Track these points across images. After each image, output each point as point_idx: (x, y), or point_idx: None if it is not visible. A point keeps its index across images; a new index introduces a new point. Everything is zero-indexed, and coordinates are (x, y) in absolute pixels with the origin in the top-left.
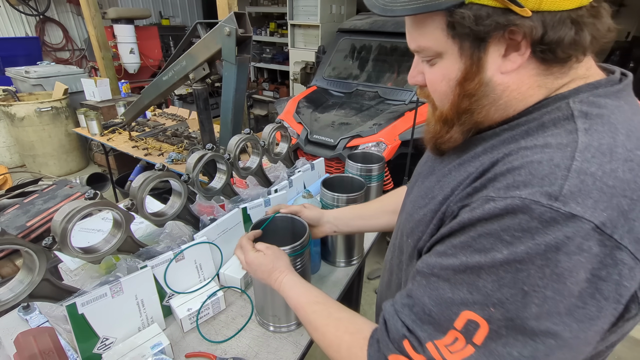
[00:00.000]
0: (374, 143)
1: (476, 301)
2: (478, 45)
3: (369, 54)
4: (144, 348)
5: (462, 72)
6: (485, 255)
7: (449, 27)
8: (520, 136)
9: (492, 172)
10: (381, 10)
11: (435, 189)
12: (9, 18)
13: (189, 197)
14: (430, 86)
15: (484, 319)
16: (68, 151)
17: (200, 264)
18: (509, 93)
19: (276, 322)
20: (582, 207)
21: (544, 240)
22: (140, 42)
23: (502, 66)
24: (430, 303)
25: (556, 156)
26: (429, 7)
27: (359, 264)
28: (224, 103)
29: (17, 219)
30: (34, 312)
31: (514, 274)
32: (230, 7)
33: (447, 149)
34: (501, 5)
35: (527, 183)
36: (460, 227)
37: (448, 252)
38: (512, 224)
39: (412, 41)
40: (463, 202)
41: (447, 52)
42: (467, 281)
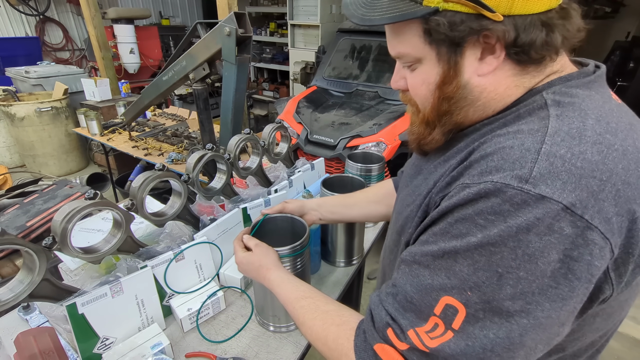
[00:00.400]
0: (374, 143)
1: (454, 286)
2: (454, 50)
3: (369, 54)
4: (144, 348)
5: (441, 76)
6: (461, 240)
7: (425, 33)
8: (498, 127)
9: (468, 161)
10: (360, 20)
11: (422, 186)
12: (9, 18)
13: (189, 197)
14: (412, 90)
15: (462, 303)
16: (68, 151)
17: (200, 264)
18: (487, 94)
19: (276, 322)
20: (551, 189)
21: (515, 222)
22: (140, 42)
23: (478, 69)
24: (412, 290)
25: (527, 141)
26: (405, 15)
27: (359, 264)
28: (224, 103)
29: (17, 219)
30: (34, 312)
31: (488, 257)
32: (230, 7)
33: (430, 149)
34: (473, 11)
35: (499, 168)
36: (439, 215)
37: (429, 240)
38: (485, 208)
39: (392, 48)
40: (443, 192)
41: (425, 58)
42: (444, 266)
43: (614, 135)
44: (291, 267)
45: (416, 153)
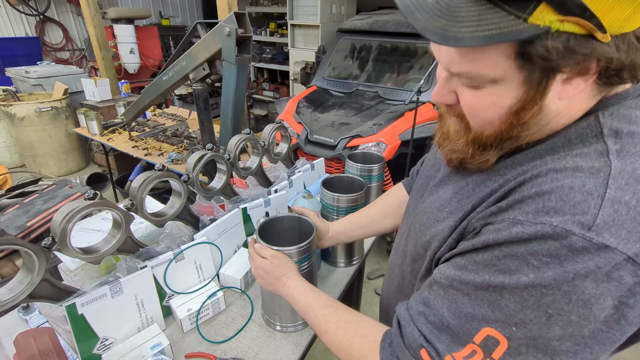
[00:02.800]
0: (374, 143)
1: (497, 319)
2: (548, 75)
3: (369, 54)
4: (144, 348)
5: (521, 102)
6: (510, 276)
7: (519, 57)
8: (545, 152)
9: (519, 194)
10: (440, 37)
11: (453, 203)
12: (9, 18)
13: (189, 197)
14: (471, 111)
15: (505, 336)
16: (68, 151)
17: (200, 264)
18: (560, 118)
19: (283, 321)
20: (616, 238)
21: (573, 268)
22: (140, 42)
23: (561, 92)
24: (449, 315)
25: (588, 182)
26: (505, 35)
27: (359, 264)
28: (224, 103)
29: (17, 219)
30: (33, 312)
31: (538, 297)
32: (230, 7)
33: (476, 169)
34: (585, 32)
35: (558, 210)
36: (483, 246)
37: (469, 268)
38: (540, 249)
39: (457, 65)
40: (486, 220)
41: (505, 80)
42: (488, 299)
43: None
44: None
45: (451, 168)
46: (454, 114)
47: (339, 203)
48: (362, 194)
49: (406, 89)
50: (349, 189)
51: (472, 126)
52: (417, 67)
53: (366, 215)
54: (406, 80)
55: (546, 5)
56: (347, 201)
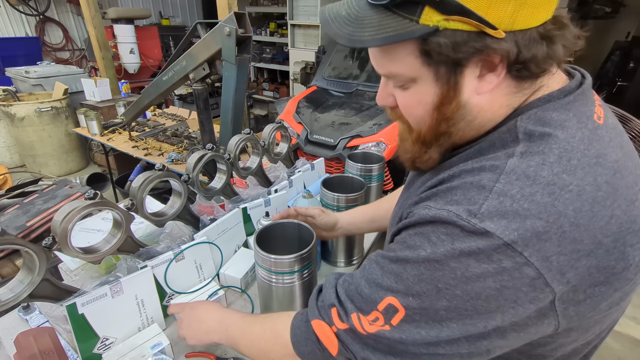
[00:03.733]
0: (374, 143)
1: (399, 290)
2: (454, 70)
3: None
4: (144, 348)
5: (439, 97)
6: (414, 251)
7: (422, 54)
8: (473, 154)
9: (437, 189)
10: (347, 40)
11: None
12: (9, 18)
13: (189, 197)
14: (405, 110)
15: (403, 306)
16: (68, 151)
17: (200, 264)
18: (484, 113)
19: None
20: (496, 225)
21: (460, 246)
22: (140, 42)
23: (478, 87)
24: (364, 284)
25: (484, 178)
26: (400, 36)
27: (359, 264)
28: (224, 103)
29: (17, 219)
30: (34, 312)
31: (432, 271)
32: (230, 7)
33: (426, 168)
34: (475, 29)
35: (458, 201)
36: (403, 226)
37: (391, 247)
38: (440, 229)
39: (381, 67)
40: (411, 208)
41: (421, 78)
42: (395, 271)
43: (572, 174)
44: (298, 277)
45: (409, 169)
46: (397, 117)
47: (339, 203)
48: (362, 194)
49: None
50: (349, 189)
51: (412, 125)
52: None
53: (379, 209)
54: None
55: (429, 7)
56: (347, 201)
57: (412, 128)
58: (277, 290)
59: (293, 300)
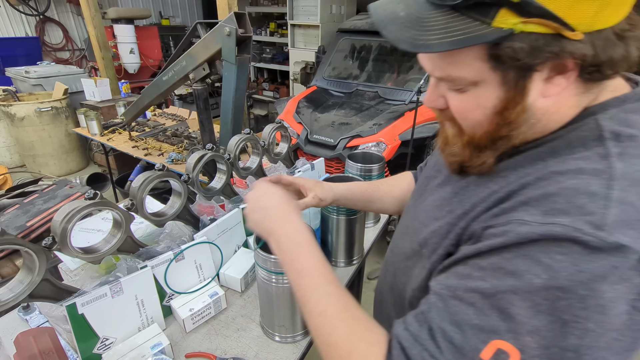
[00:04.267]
0: (374, 143)
1: (509, 329)
2: (524, 74)
3: (369, 54)
4: (144, 348)
5: (503, 102)
6: (520, 278)
7: (491, 58)
8: (546, 154)
9: (524, 196)
10: (410, 45)
11: (454, 202)
12: (9, 18)
13: (189, 197)
14: (459, 113)
15: (517, 348)
16: (68, 151)
17: (200, 264)
18: (549, 116)
19: (282, 332)
20: (628, 237)
21: (588, 267)
22: (140, 42)
23: (544, 90)
24: (452, 330)
25: (592, 184)
26: (471, 40)
27: (359, 264)
28: (224, 103)
29: (17, 219)
30: (34, 312)
31: (552, 301)
32: (230, 7)
33: (478, 173)
34: (552, 32)
35: (566, 211)
36: (489, 249)
37: (474, 275)
38: (552, 248)
39: (440, 70)
40: (487, 222)
41: (484, 82)
42: (497, 307)
43: None
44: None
45: (453, 172)
46: (447, 118)
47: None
48: None
49: (406, 89)
50: None
51: (464, 128)
52: (417, 67)
53: (376, 189)
54: (406, 80)
55: (506, 10)
56: None
57: (464, 131)
58: (277, 290)
59: (293, 301)
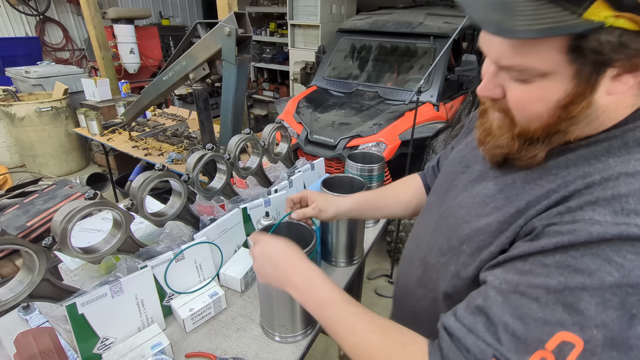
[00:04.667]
0: (374, 143)
1: (576, 322)
2: (599, 70)
3: (369, 54)
4: (144, 348)
5: (570, 96)
6: (590, 276)
7: (571, 50)
8: (601, 154)
9: (592, 195)
10: (496, 29)
11: (499, 199)
12: (9, 18)
13: (189, 197)
14: (517, 105)
15: (583, 340)
16: (68, 151)
17: (200, 264)
18: (607, 114)
19: (282, 332)
20: None
21: None
22: (140, 42)
23: (610, 88)
24: (515, 323)
25: None
26: (559, 29)
27: (359, 264)
28: (224, 103)
29: (17, 219)
30: (34, 312)
31: (623, 297)
32: (230, 7)
33: (525, 166)
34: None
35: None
36: (554, 247)
37: (536, 271)
38: (625, 247)
39: (511, 58)
40: (550, 220)
41: (555, 74)
42: (563, 302)
43: None
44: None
45: (494, 166)
46: (499, 109)
47: None
48: None
49: (406, 89)
50: (349, 189)
51: (518, 120)
52: (417, 67)
53: (382, 197)
54: (406, 80)
55: (602, 1)
56: None
57: (516, 123)
58: (277, 290)
59: (293, 301)
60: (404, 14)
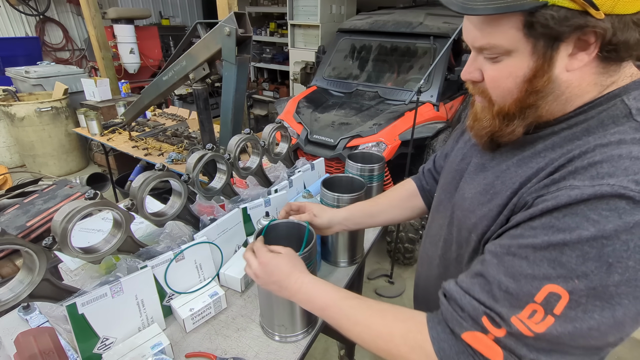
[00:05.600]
0: (374, 143)
1: (559, 275)
2: (552, 45)
3: (369, 54)
4: (144, 348)
5: (532, 70)
6: (570, 233)
7: (525, 26)
8: (582, 134)
9: (572, 166)
10: (460, 7)
11: (497, 185)
12: (9, 18)
13: (189, 197)
14: (492, 82)
15: (567, 290)
16: (68, 151)
17: (200, 264)
18: (571, 89)
19: (282, 331)
20: None
21: (632, 219)
22: (140, 42)
23: (568, 64)
24: (507, 280)
25: (634, 150)
26: (511, 7)
27: (359, 264)
28: (224, 103)
29: (17, 219)
30: (34, 312)
31: (599, 248)
32: (230, 7)
33: (506, 142)
34: (579, 8)
35: (612, 174)
36: (541, 212)
37: (525, 234)
38: (600, 205)
39: (481, 38)
40: (538, 192)
41: (517, 50)
42: (548, 257)
43: None
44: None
45: (484, 147)
46: (479, 92)
47: (339, 203)
48: (362, 194)
49: (406, 89)
50: (349, 189)
51: (495, 99)
52: (417, 67)
53: (376, 205)
54: (406, 80)
55: None
56: (348, 201)
57: (494, 102)
58: None
59: (293, 301)
60: (404, 14)
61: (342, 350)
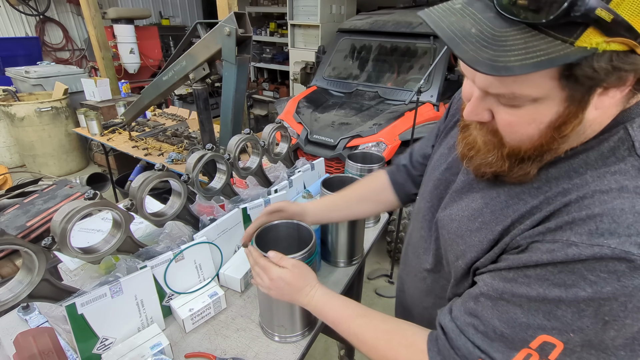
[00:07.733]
0: (374, 143)
1: (554, 327)
2: (589, 91)
3: (369, 54)
4: (144, 348)
5: (562, 117)
6: (566, 290)
7: (564, 77)
8: (580, 166)
9: (568, 215)
10: (490, 68)
11: (486, 214)
12: (9, 18)
13: (189, 197)
14: (508, 127)
15: (562, 341)
16: (68, 151)
17: (200, 264)
18: (594, 126)
19: (282, 332)
20: None
21: (631, 283)
22: (140, 42)
23: (598, 102)
24: (502, 325)
25: (637, 203)
26: (554, 60)
27: (359, 264)
28: (224, 103)
29: (17, 219)
30: (33, 312)
31: (596, 308)
32: (230, 7)
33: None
34: (627, 48)
35: (613, 232)
36: (535, 264)
37: (519, 281)
38: (598, 267)
39: (500, 87)
40: (533, 238)
41: (547, 98)
42: (543, 310)
43: None
44: None
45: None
46: (487, 131)
47: None
48: None
49: (406, 89)
50: None
51: (508, 141)
52: (417, 67)
53: (342, 198)
54: (406, 80)
55: (594, 29)
56: None
57: (505, 144)
58: None
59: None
60: (404, 14)
61: (342, 350)
